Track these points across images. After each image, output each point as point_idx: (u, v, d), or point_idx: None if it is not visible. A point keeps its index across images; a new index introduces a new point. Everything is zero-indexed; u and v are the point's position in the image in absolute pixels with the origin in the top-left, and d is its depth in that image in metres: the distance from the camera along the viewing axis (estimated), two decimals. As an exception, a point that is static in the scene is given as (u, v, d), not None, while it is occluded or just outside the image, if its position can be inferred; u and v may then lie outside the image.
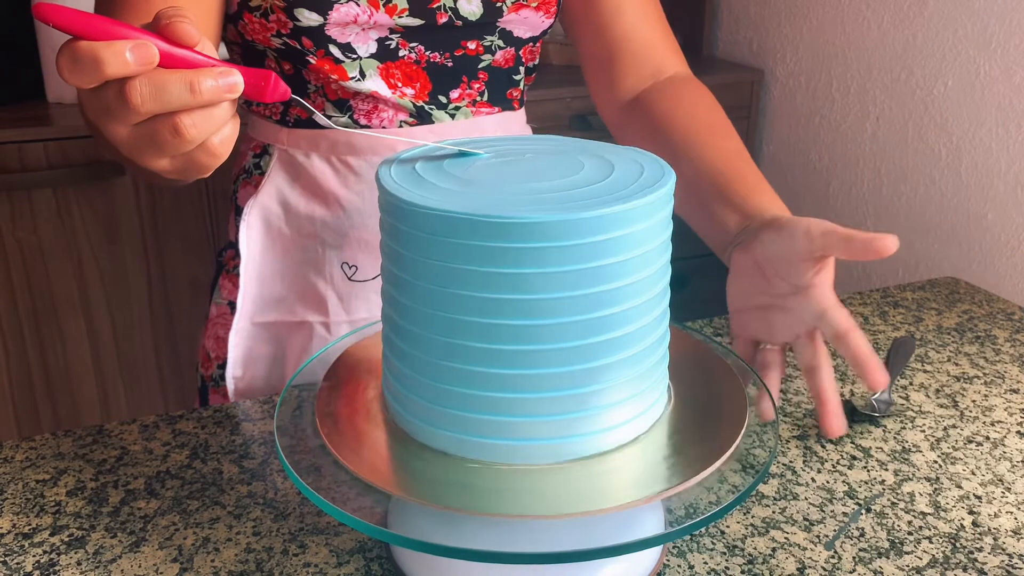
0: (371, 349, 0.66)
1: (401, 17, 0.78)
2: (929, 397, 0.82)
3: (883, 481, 0.70)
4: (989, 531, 0.64)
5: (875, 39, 1.70)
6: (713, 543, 0.63)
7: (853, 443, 0.75)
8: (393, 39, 0.80)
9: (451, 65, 0.83)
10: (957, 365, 0.88)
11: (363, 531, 0.50)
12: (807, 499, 0.68)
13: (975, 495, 0.68)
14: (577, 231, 0.48)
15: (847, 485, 0.69)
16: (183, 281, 1.68)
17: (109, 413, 1.71)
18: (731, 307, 0.74)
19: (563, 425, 0.52)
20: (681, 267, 0.63)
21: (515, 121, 0.91)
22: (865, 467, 0.72)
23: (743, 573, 0.60)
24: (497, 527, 0.52)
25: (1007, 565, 0.61)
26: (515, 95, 0.90)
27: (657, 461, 0.54)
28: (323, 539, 0.63)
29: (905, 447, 0.74)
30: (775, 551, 0.62)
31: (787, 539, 0.63)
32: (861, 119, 1.75)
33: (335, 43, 0.78)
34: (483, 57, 0.85)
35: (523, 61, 0.89)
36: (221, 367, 0.91)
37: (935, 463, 0.72)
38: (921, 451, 0.74)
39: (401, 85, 0.82)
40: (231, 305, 0.90)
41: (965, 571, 0.60)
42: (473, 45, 0.83)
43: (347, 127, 0.80)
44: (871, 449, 0.74)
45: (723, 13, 2.11)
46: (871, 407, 0.79)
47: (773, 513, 0.66)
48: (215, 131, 0.49)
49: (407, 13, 0.78)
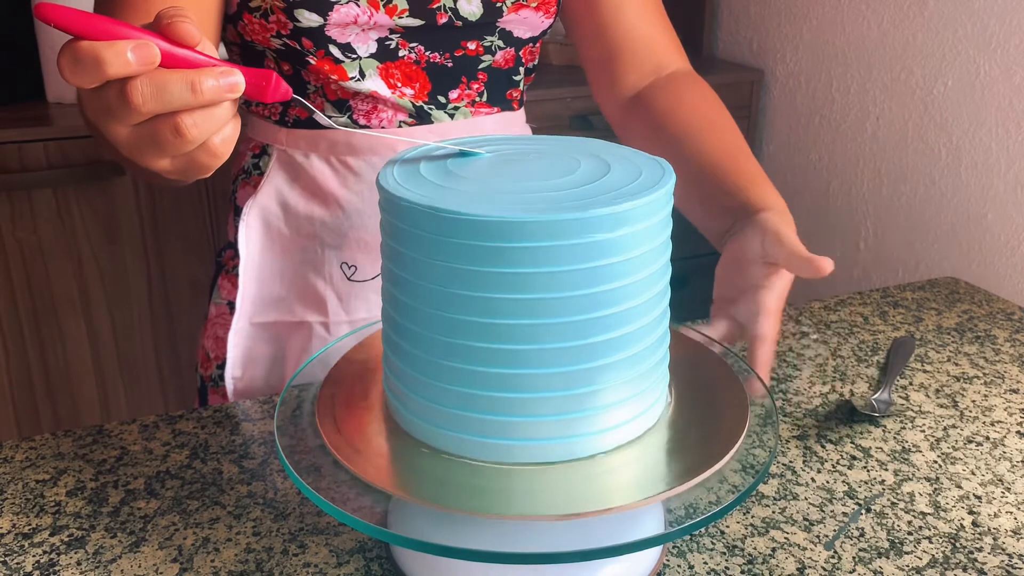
0: (371, 349, 0.66)
1: (401, 18, 0.78)
2: (929, 397, 0.82)
3: (883, 481, 0.70)
4: (989, 531, 0.64)
5: (875, 39, 1.70)
6: (713, 543, 0.63)
7: (853, 443, 0.75)
8: (393, 39, 0.80)
9: (451, 65, 0.83)
10: (957, 365, 0.88)
11: (363, 531, 0.50)
12: (807, 499, 0.68)
13: (975, 495, 0.68)
14: (577, 231, 0.48)
15: (847, 485, 0.69)
16: (183, 281, 1.68)
17: (109, 413, 1.71)
18: (714, 294, 0.75)
19: (563, 425, 0.52)
20: (681, 267, 0.63)
21: (515, 121, 0.91)
22: (865, 467, 0.72)
23: (743, 573, 0.60)
24: (497, 527, 0.52)
25: (1007, 565, 0.61)
26: (515, 95, 0.90)
27: (657, 461, 0.54)
28: (323, 539, 0.63)
29: (905, 447, 0.74)
30: (775, 551, 0.62)
31: (787, 539, 0.63)
32: (861, 119, 1.75)
33: (335, 43, 0.78)
34: (483, 58, 0.85)
35: (523, 62, 0.89)
36: (220, 367, 0.91)
37: (935, 463, 0.72)
38: (921, 451, 0.74)
39: (400, 85, 0.82)
40: (230, 305, 0.90)
41: (965, 571, 0.60)
42: (473, 45, 0.83)
43: (346, 127, 0.81)
44: (871, 449, 0.74)
45: (723, 13, 2.11)
46: (871, 407, 0.79)
47: (773, 513, 0.66)
48: (216, 131, 0.49)
49: (407, 14, 0.78)
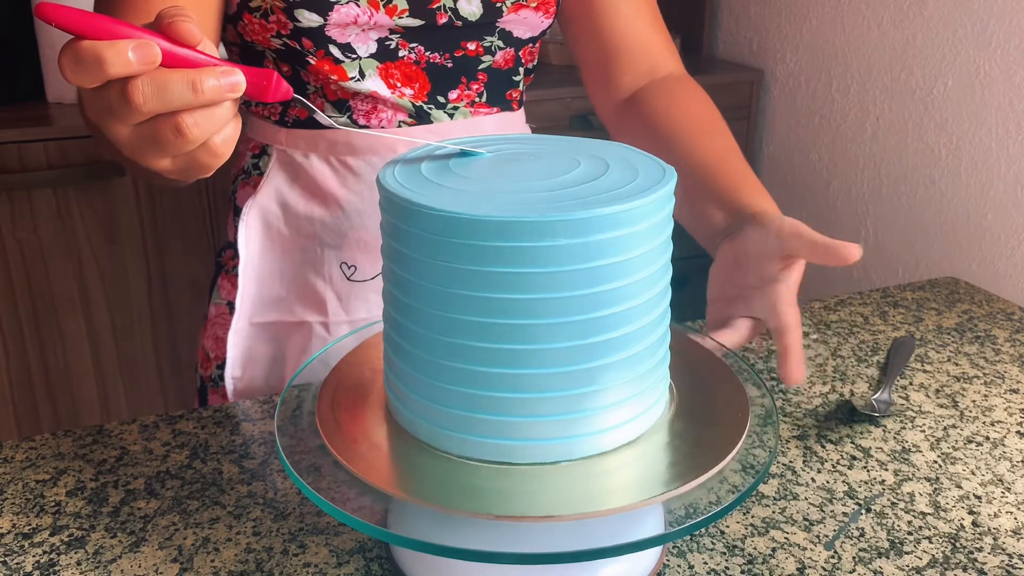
0: (371, 349, 0.66)
1: (401, 18, 0.78)
2: (929, 397, 0.82)
3: (883, 481, 0.70)
4: (989, 531, 0.64)
5: (875, 39, 1.70)
6: (713, 543, 0.63)
7: (853, 443, 0.75)
8: (393, 39, 0.80)
9: (451, 66, 0.83)
10: (957, 365, 0.88)
11: (363, 531, 0.50)
12: (807, 499, 0.68)
13: (975, 495, 0.68)
14: (577, 231, 0.48)
15: (847, 485, 0.69)
16: (183, 281, 1.68)
17: (109, 413, 1.71)
18: (708, 296, 0.75)
19: (563, 425, 0.52)
20: (681, 267, 0.63)
21: (514, 121, 0.92)
22: (865, 467, 0.72)
23: (743, 573, 0.60)
24: (497, 527, 0.52)
25: (1007, 565, 0.61)
26: (514, 96, 0.90)
27: (658, 462, 0.54)
28: (323, 539, 0.63)
29: (905, 447, 0.74)
30: (775, 551, 0.62)
31: (787, 539, 0.63)
32: (861, 119, 1.75)
33: (335, 44, 0.78)
34: (483, 58, 0.85)
35: (523, 62, 0.89)
36: (220, 367, 0.91)
37: (935, 463, 0.72)
38: (921, 451, 0.74)
39: (400, 85, 0.82)
40: (230, 305, 0.90)
41: (965, 571, 0.60)
42: (473, 46, 0.83)
43: (346, 127, 0.81)
44: (871, 449, 0.74)
45: (723, 13, 2.11)
46: (871, 407, 0.79)
47: (773, 513, 0.66)
48: (217, 131, 0.49)
49: (407, 14, 0.78)
